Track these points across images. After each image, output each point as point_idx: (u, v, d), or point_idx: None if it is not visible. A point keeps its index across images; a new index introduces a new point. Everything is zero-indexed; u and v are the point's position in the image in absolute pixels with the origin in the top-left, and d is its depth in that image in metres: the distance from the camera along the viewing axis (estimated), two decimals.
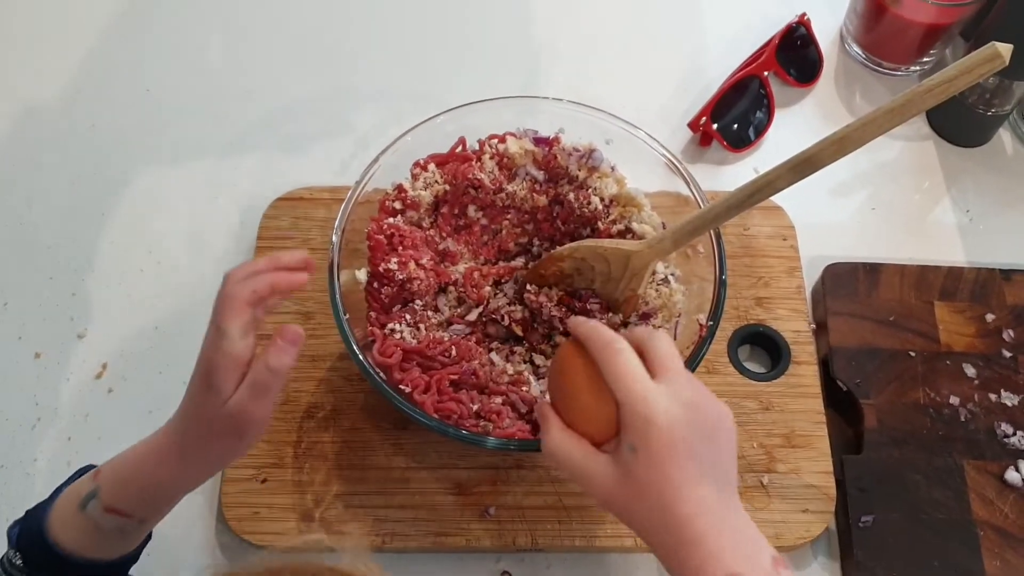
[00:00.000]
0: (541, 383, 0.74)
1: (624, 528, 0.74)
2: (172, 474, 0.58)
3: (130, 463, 0.59)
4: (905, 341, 0.84)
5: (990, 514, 0.77)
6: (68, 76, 1.02)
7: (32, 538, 0.58)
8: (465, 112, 0.80)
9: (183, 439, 0.58)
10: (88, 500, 0.57)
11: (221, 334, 0.55)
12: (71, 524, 0.58)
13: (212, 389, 0.55)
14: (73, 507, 0.58)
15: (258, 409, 0.56)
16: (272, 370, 0.55)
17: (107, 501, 0.57)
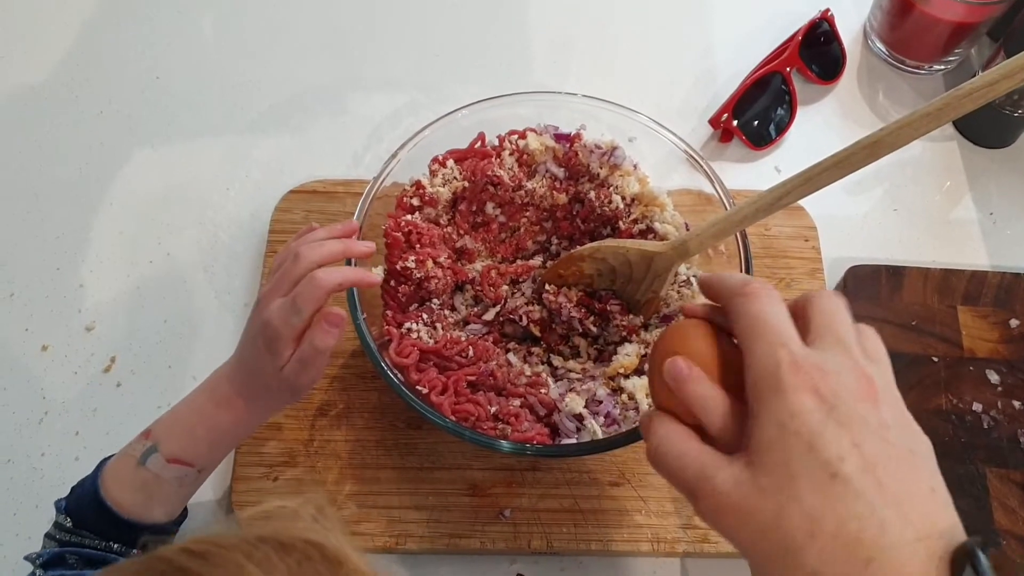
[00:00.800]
0: (559, 385, 0.73)
1: (640, 533, 0.74)
2: (236, 418, 0.64)
3: (187, 414, 0.64)
4: (927, 346, 0.82)
5: (1012, 523, 0.75)
6: (76, 63, 1.01)
7: (83, 500, 0.61)
8: (485, 107, 0.78)
9: (246, 389, 0.63)
10: (147, 455, 0.61)
11: (295, 311, 0.60)
12: (127, 481, 0.61)
13: (273, 354, 0.61)
14: (129, 466, 0.62)
15: (307, 377, 0.62)
16: (317, 349, 0.60)
17: (169, 452, 0.61)
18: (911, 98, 1.00)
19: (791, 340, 0.45)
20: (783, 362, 0.43)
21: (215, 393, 0.64)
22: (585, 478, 0.76)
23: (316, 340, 0.60)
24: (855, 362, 0.45)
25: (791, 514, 0.41)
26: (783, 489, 0.41)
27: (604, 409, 0.69)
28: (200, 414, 0.64)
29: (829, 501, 0.40)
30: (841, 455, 0.41)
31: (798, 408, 0.42)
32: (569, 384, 0.73)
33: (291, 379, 0.61)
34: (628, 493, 0.76)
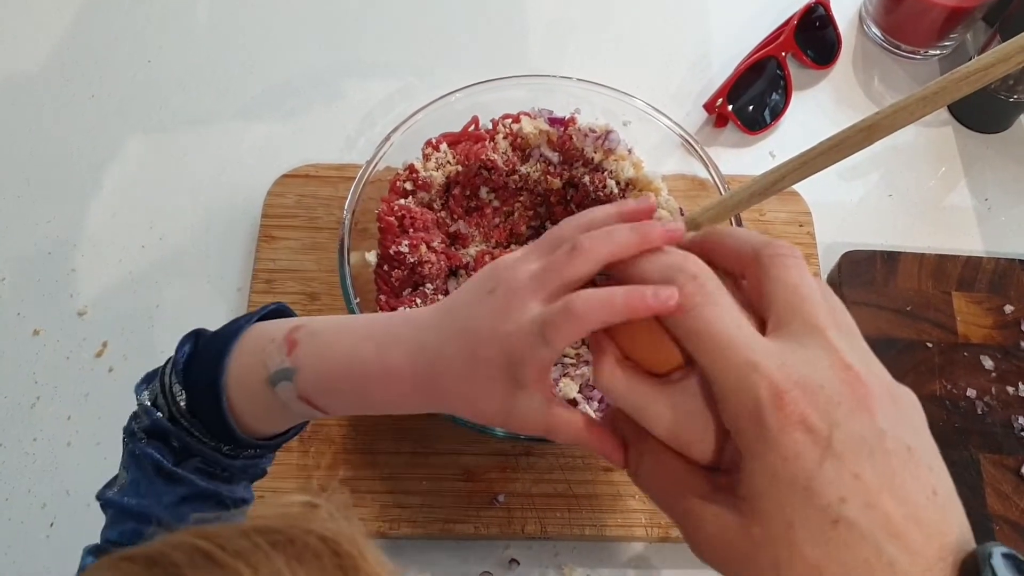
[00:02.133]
0: (553, 370, 0.72)
1: (634, 518, 0.74)
2: (397, 402, 0.50)
3: (343, 356, 0.50)
4: (922, 332, 0.82)
5: (1006, 509, 0.76)
6: (68, 47, 1.00)
7: (203, 388, 0.51)
8: (478, 90, 0.78)
9: (429, 386, 0.48)
10: (280, 379, 0.50)
11: (546, 344, 0.43)
12: (251, 393, 0.51)
13: (516, 383, 0.45)
14: (259, 376, 0.51)
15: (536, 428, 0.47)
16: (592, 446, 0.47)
17: (304, 391, 0.50)
18: (906, 83, 1.00)
19: (758, 353, 0.39)
20: (763, 399, 0.38)
21: (386, 358, 0.48)
22: (579, 463, 0.76)
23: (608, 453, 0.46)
24: (837, 356, 0.40)
25: (792, 567, 0.37)
26: (780, 541, 0.37)
27: (598, 394, 0.69)
28: (357, 370, 0.49)
29: (833, 550, 0.37)
30: (842, 496, 0.37)
31: (790, 452, 0.37)
32: (563, 369, 0.73)
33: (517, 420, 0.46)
34: (622, 478, 0.76)
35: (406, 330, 0.49)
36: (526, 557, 0.75)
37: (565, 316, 0.42)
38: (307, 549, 0.34)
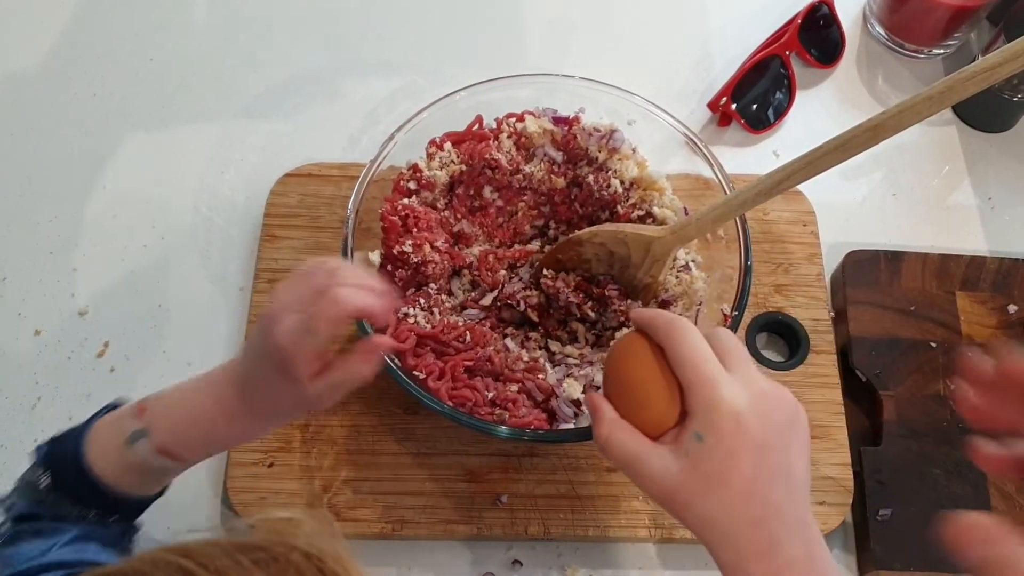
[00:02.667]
0: (557, 370, 0.72)
1: (638, 519, 0.74)
2: (241, 432, 0.60)
3: (188, 409, 0.58)
4: (926, 331, 0.82)
5: (1009, 508, 0.75)
6: (69, 45, 0.99)
7: (65, 462, 0.57)
8: (482, 89, 0.77)
9: (254, 406, 0.58)
10: (137, 438, 0.57)
11: (311, 333, 0.53)
12: (113, 458, 0.57)
13: (291, 378, 0.54)
14: (117, 442, 0.57)
15: (332, 400, 0.57)
16: (361, 377, 0.56)
17: (161, 443, 0.57)
18: (910, 82, 0.99)
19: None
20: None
21: (220, 401, 0.58)
22: (582, 463, 0.76)
23: (357, 369, 0.56)
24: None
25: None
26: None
27: None
28: (201, 416, 0.58)
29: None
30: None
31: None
32: (567, 369, 0.72)
33: (315, 401, 0.56)
34: (625, 479, 0.75)
35: (228, 374, 0.58)
36: (529, 558, 0.74)
37: (329, 302, 0.53)
38: (290, 566, 0.34)
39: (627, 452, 0.52)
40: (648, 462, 0.52)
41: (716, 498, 0.50)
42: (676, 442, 0.52)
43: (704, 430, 0.50)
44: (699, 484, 0.50)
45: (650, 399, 0.53)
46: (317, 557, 0.35)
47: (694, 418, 0.51)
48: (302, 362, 0.54)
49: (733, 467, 0.49)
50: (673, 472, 0.51)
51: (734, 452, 0.50)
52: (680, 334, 0.53)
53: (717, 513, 0.50)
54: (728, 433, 0.50)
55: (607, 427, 0.54)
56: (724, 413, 0.50)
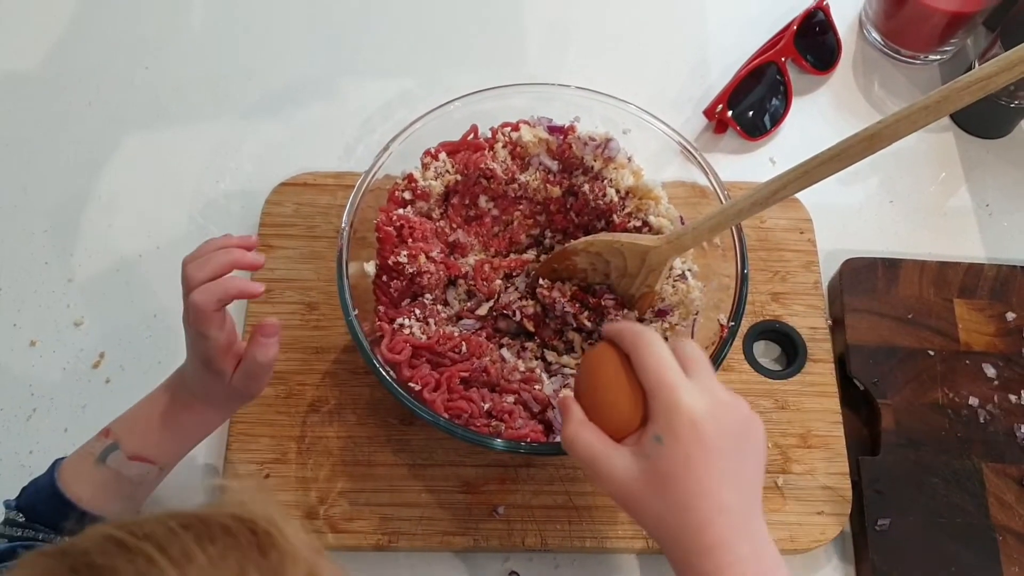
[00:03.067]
0: (553, 381, 0.72)
1: (637, 529, 0.73)
2: (200, 418, 0.65)
3: (149, 413, 0.64)
4: (924, 339, 0.82)
5: (1009, 518, 0.75)
6: (64, 54, 0.99)
7: (39, 496, 0.61)
8: (477, 99, 0.77)
9: (203, 395, 0.64)
10: (108, 453, 0.61)
11: (203, 338, 0.59)
12: (86, 479, 0.61)
13: (213, 373, 0.61)
14: (87, 464, 0.61)
15: (257, 386, 0.63)
16: (261, 364, 0.61)
17: (132, 449, 0.62)
18: (906, 88, 0.99)
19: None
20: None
21: (177, 395, 0.64)
22: (579, 474, 0.76)
23: (259, 356, 0.60)
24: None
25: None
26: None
27: None
28: (164, 414, 0.64)
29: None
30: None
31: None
32: (563, 380, 0.72)
33: (242, 390, 0.63)
34: None
35: (177, 375, 0.65)
36: (526, 570, 0.74)
37: (194, 312, 0.58)
38: (220, 528, 0.35)
39: (591, 451, 0.55)
40: (610, 462, 0.54)
41: (671, 498, 0.52)
42: (637, 444, 0.54)
43: (663, 432, 0.52)
44: (656, 484, 0.52)
45: (615, 403, 0.56)
46: (248, 519, 0.36)
47: (654, 421, 0.53)
48: (215, 359, 0.60)
49: (688, 468, 0.52)
50: (633, 472, 0.53)
51: (690, 454, 0.52)
52: (645, 343, 0.55)
53: (669, 512, 0.52)
54: (685, 436, 0.52)
55: (573, 427, 0.56)
56: (683, 417, 0.52)
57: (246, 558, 0.34)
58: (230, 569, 0.33)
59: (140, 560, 0.33)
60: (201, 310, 0.58)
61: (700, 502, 0.51)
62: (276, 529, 0.36)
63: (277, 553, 0.35)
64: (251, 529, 0.35)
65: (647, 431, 0.53)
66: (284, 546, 0.35)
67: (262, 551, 0.35)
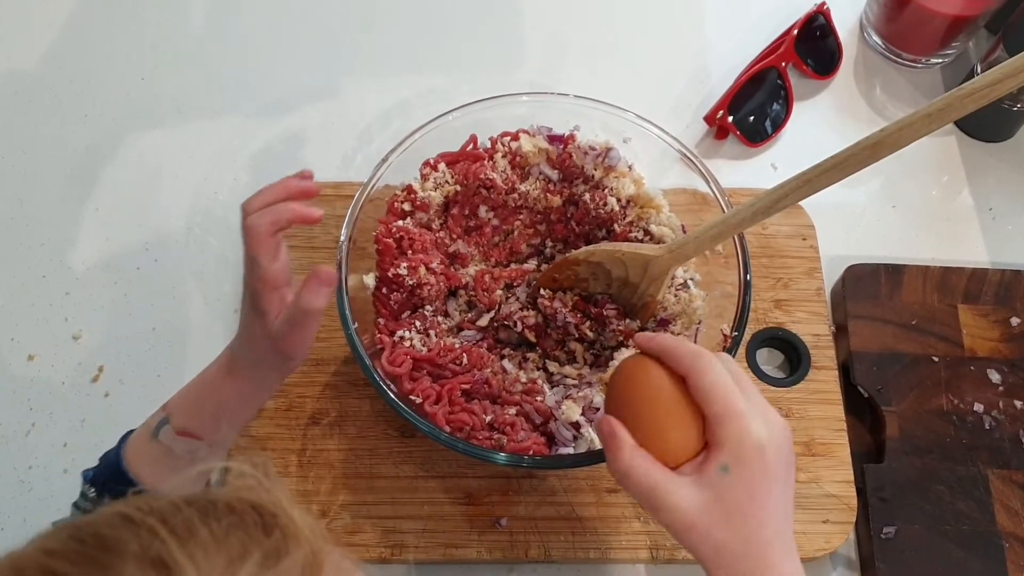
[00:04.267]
0: (555, 392, 0.72)
1: (639, 540, 0.73)
2: (239, 389, 0.62)
3: (195, 388, 0.63)
4: (928, 346, 0.81)
5: (1015, 525, 0.75)
6: (60, 66, 0.99)
7: (108, 471, 0.61)
8: (476, 108, 0.77)
9: (238, 361, 0.62)
10: (160, 427, 0.61)
11: (254, 262, 0.59)
12: (144, 453, 0.61)
13: (257, 312, 0.59)
14: (146, 438, 0.61)
15: (297, 339, 0.59)
16: (304, 310, 0.58)
17: (178, 424, 0.61)
18: (908, 92, 0.99)
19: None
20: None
21: (221, 363, 0.63)
22: (582, 485, 0.75)
23: (303, 300, 0.57)
24: None
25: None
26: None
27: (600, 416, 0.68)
28: (207, 385, 0.63)
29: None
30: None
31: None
32: (565, 391, 0.71)
33: (279, 341, 0.59)
34: (627, 500, 0.75)
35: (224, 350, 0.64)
36: None
37: (247, 233, 0.58)
38: (225, 507, 0.35)
39: (650, 482, 0.52)
40: (672, 493, 0.52)
41: (735, 527, 0.50)
42: (699, 473, 0.52)
43: (731, 463, 0.51)
44: (720, 514, 0.51)
45: (672, 429, 0.53)
46: (255, 502, 0.36)
47: (721, 450, 0.51)
48: (262, 294, 0.59)
49: (752, 498, 0.51)
50: (696, 503, 0.51)
51: (755, 485, 0.51)
52: (706, 366, 0.53)
53: (732, 541, 0.50)
54: (751, 466, 0.51)
55: (628, 455, 0.53)
56: (752, 447, 0.51)
57: (249, 537, 0.34)
58: (232, 546, 0.34)
59: (144, 532, 0.33)
60: (255, 232, 0.58)
61: (762, 530, 0.51)
62: (282, 511, 0.36)
63: (281, 534, 0.35)
64: (256, 510, 0.36)
65: (712, 460, 0.51)
66: (288, 527, 0.36)
67: (266, 531, 0.35)
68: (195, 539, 0.33)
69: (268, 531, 0.35)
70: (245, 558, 0.33)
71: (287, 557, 0.34)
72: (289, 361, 0.61)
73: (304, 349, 0.60)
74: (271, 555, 0.34)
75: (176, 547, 0.32)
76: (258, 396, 0.65)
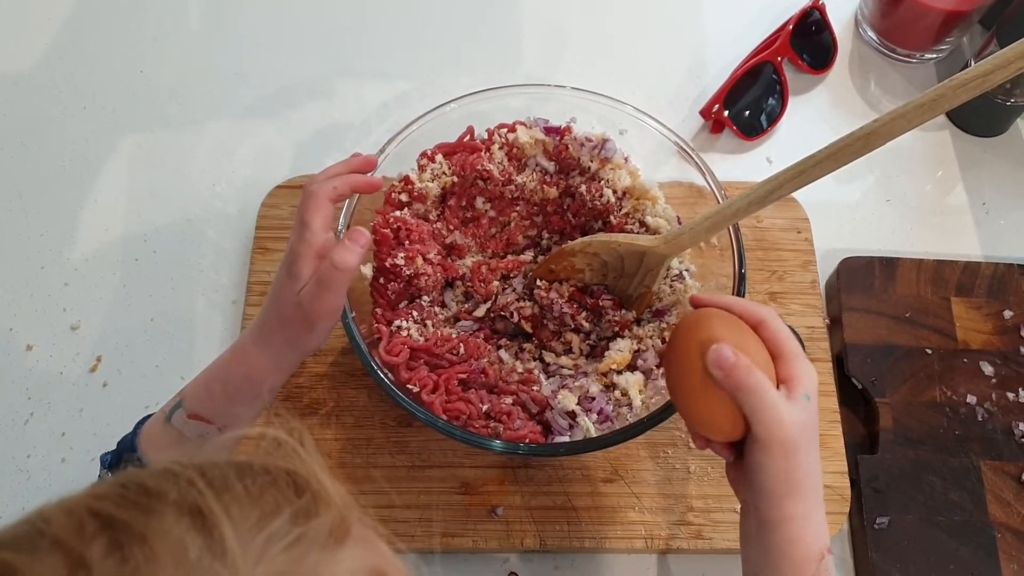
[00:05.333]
0: (551, 382, 0.72)
1: (634, 530, 0.73)
2: (248, 370, 0.62)
3: (210, 371, 0.63)
4: (921, 338, 0.82)
5: (1007, 516, 0.75)
6: (59, 58, 0.99)
7: (124, 456, 0.62)
8: (473, 100, 0.77)
9: (260, 331, 0.62)
10: (173, 411, 0.61)
11: (304, 226, 0.61)
12: (157, 437, 0.61)
13: (292, 276, 0.60)
14: (160, 422, 0.62)
15: (324, 302, 0.60)
16: (336, 266, 0.59)
17: (190, 408, 0.61)
18: (903, 87, 0.99)
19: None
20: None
21: (235, 348, 0.63)
22: (578, 475, 0.76)
23: (336, 256, 0.59)
24: None
25: None
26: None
27: (597, 406, 0.68)
28: (218, 369, 0.63)
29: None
30: None
31: None
32: (561, 381, 0.72)
33: (307, 304, 0.59)
34: (621, 490, 0.75)
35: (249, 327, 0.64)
36: (525, 571, 0.74)
37: (306, 197, 0.62)
38: (261, 468, 0.37)
39: (777, 400, 0.55)
40: (790, 411, 0.55)
41: (814, 452, 0.56)
42: (790, 397, 0.56)
43: (810, 391, 0.57)
44: (810, 437, 0.56)
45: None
46: (291, 468, 0.37)
47: (800, 382, 0.57)
48: (303, 255, 0.60)
49: (815, 429, 0.57)
50: (801, 423, 0.55)
51: (817, 414, 0.57)
52: (773, 315, 0.60)
53: (812, 464, 0.56)
54: (815, 397, 0.57)
55: (757, 373, 0.56)
56: (812, 381, 0.57)
57: (282, 495, 0.36)
58: (265, 503, 0.35)
59: (183, 483, 0.34)
60: (315, 196, 0.61)
61: (816, 455, 0.57)
62: (314, 477, 0.37)
63: (312, 497, 0.36)
64: (290, 475, 0.37)
65: (795, 390, 0.56)
66: (320, 492, 0.37)
67: (298, 493, 0.36)
68: (230, 492, 0.35)
69: (300, 493, 0.36)
70: (277, 514, 0.34)
71: (316, 518, 0.36)
72: (312, 329, 0.61)
73: (328, 318, 0.61)
74: (301, 514, 0.35)
75: (212, 498, 0.34)
76: (271, 377, 0.63)
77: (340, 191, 0.63)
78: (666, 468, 0.77)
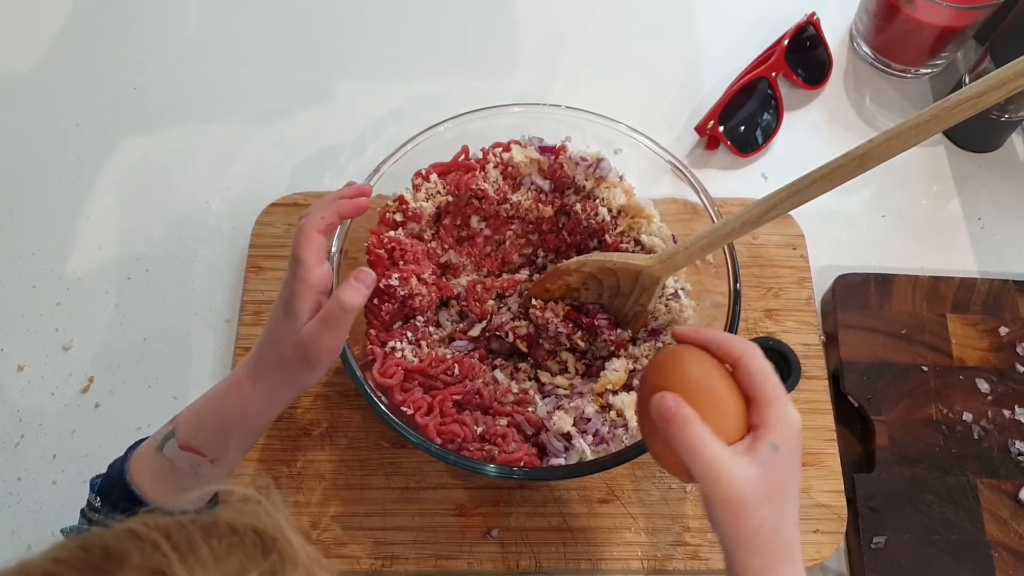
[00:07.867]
0: (547, 402, 0.72)
1: (630, 551, 0.73)
2: (242, 403, 0.61)
3: (204, 401, 0.62)
4: (917, 355, 0.82)
5: (1004, 535, 0.75)
6: (52, 75, 0.99)
7: (113, 481, 0.60)
8: (468, 119, 0.77)
9: (256, 367, 0.61)
10: (165, 440, 0.60)
11: (297, 262, 0.60)
12: (148, 466, 0.60)
13: (290, 314, 0.60)
14: (152, 450, 0.61)
15: (327, 341, 0.59)
16: (343, 306, 0.59)
17: (183, 439, 0.60)
18: (897, 102, 0.99)
19: None
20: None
21: (231, 380, 0.62)
22: (574, 495, 0.75)
23: (343, 296, 0.58)
24: None
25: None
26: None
27: (593, 427, 0.68)
28: (211, 401, 0.62)
29: None
30: None
31: None
32: (557, 401, 0.72)
33: (309, 343, 0.59)
34: (617, 510, 0.75)
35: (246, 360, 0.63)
36: None
37: (297, 233, 0.61)
38: (227, 527, 0.36)
39: (714, 455, 0.52)
40: (735, 468, 0.52)
41: (777, 505, 0.53)
42: (750, 452, 0.53)
43: (779, 441, 0.53)
44: (767, 492, 0.52)
45: (729, 409, 0.55)
46: (257, 525, 0.37)
47: (771, 430, 0.53)
48: (299, 293, 0.60)
49: (789, 477, 0.54)
50: (751, 478, 0.52)
51: (794, 462, 0.54)
52: (754, 352, 0.56)
53: (771, 518, 0.52)
54: (792, 446, 0.54)
55: (698, 429, 0.53)
56: (791, 427, 0.54)
57: (248, 557, 0.35)
58: (231, 565, 0.34)
59: (147, 546, 0.34)
60: (303, 228, 0.60)
61: (790, 506, 0.54)
62: (281, 535, 0.37)
63: (279, 557, 0.36)
64: (257, 533, 0.37)
65: (762, 439, 0.53)
66: (286, 551, 0.36)
67: (265, 553, 0.36)
68: (195, 555, 0.34)
69: (267, 553, 0.36)
70: None
71: None
72: (312, 368, 0.61)
73: (329, 356, 0.61)
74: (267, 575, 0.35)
75: (177, 561, 0.33)
76: (266, 412, 0.62)
77: (328, 220, 0.62)
78: (662, 488, 0.76)
